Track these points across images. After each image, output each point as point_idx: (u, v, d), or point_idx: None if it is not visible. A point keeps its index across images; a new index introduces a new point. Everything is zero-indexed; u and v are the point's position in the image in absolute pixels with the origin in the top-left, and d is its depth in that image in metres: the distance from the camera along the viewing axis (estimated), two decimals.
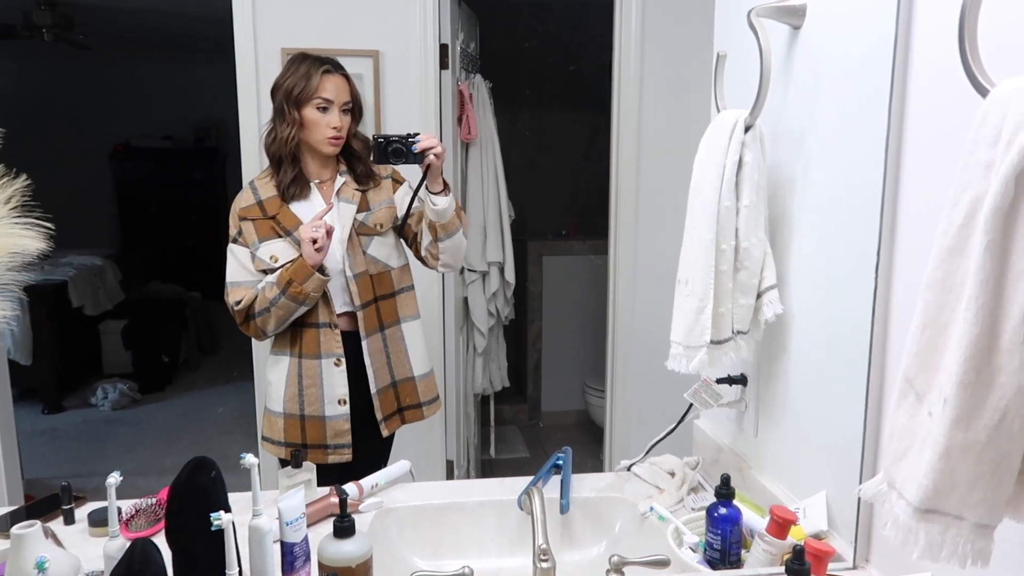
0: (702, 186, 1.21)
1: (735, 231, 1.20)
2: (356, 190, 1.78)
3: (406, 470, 1.55)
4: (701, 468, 1.52)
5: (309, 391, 1.77)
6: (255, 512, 1.01)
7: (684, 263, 1.25)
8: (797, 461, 1.23)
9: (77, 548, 1.28)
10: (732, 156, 1.17)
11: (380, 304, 1.80)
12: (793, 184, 1.21)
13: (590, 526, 1.46)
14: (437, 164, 1.65)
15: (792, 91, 1.20)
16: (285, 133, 1.71)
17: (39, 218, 0.98)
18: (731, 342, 1.24)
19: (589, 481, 1.54)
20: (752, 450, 1.38)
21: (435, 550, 1.42)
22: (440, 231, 1.73)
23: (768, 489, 1.28)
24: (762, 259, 1.22)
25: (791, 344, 1.24)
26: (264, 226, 1.74)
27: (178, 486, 0.95)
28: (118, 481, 0.98)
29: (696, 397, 1.40)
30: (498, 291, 3.31)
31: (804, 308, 1.21)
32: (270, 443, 1.82)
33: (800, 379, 1.22)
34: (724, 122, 1.20)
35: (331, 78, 1.72)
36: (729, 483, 1.12)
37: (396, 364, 1.83)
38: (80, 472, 3.70)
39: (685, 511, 1.40)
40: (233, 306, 1.74)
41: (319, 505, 1.37)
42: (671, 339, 1.26)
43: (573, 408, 4.25)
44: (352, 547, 1.03)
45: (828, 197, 1.13)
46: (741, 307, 1.23)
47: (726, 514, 1.10)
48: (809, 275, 1.19)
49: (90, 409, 4.53)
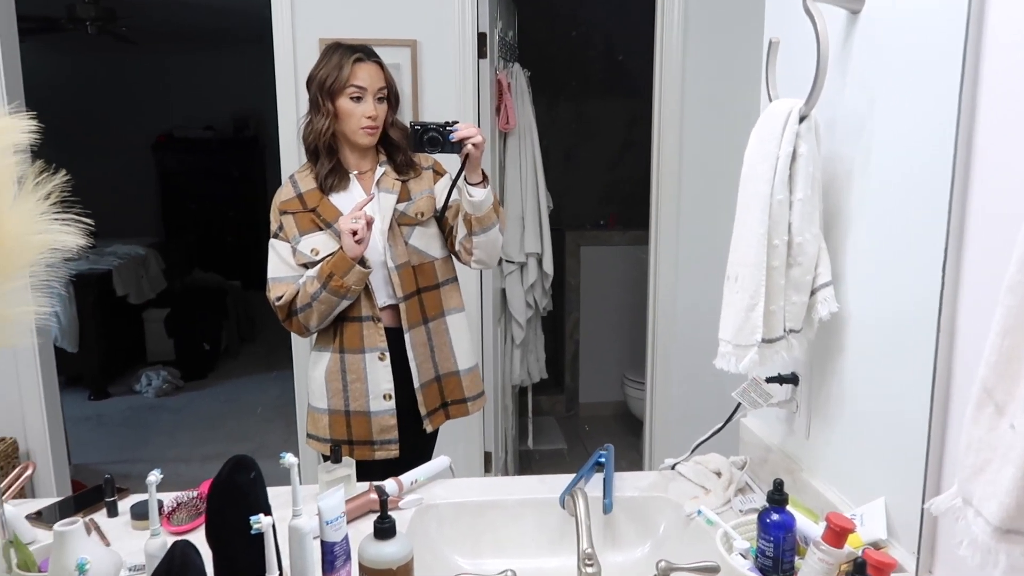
0: (753, 179, 1.16)
1: (788, 226, 1.15)
2: (396, 180, 1.75)
3: (446, 466, 1.53)
4: (749, 468, 1.47)
5: (353, 386, 1.75)
6: (295, 512, 1.00)
7: (734, 259, 1.20)
8: (852, 465, 1.18)
9: (120, 541, 1.29)
10: (786, 147, 1.12)
11: (423, 296, 1.77)
12: (850, 177, 1.15)
13: (633, 527, 1.43)
14: (476, 154, 1.61)
15: (850, 79, 1.14)
16: (320, 125, 1.69)
17: (79, 213, 0.97)
18: (783, 341, 1.19)
19: (632, 480, 1.50)
20: (803, 452, 1.33)
21: (475, 548, 1.40)
22: (475, 225, 1.69)
23: (821, 493, 1.23)
24: (816, 255, 1.16)
25: (847, 343, 1.19)
26: (304, 219, 1.72)
27: (218, 484, 0.94)
28: (158, 479, 0.97)
29: (745, 396, 1.35)
30: (536, 282, 3.28)
31: (861, 306, 1.15)
32: (315, 440, 1.80)
33: (857, 380, 1.17)
34: (777, 112, 1.14)
35: (363, 66, 1.69)
36: (782, 488, 1.07)
37: (440, 358, 1.81)
38: (125, 458, 3.78)
39: (733, 513, 1.36)
40: (275, 302, 1.73)
41: (359, 501, 1.35)
42: (720, 337, 1.21)
43: (611, 400, 4.21)
44: (393, 549, 1.01)
45: (889, 190, 1.07)
46: (794, 304, 1.18)
47: (779, 520, 1.06)
48: (867, 272, 1.14)
49: (134, 396, 4.62)
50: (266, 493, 0.99)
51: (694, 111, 2.70)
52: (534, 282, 3.27)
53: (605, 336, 4.22)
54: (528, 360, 3.45)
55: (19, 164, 0.96)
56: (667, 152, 2.72)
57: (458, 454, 2.68)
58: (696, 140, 2.72)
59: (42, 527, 1.31)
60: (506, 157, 3.11)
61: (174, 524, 1.31)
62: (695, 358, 2.80)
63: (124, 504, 1.40)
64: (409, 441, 1.79)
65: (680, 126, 2.71)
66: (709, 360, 1.23)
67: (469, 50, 2.58)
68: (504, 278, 3.20)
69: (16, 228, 0.94)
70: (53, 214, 0.97)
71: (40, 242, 0.97)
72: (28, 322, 0.95)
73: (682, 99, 2.69)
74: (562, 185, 4.12)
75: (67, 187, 0.98)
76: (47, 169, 0.95)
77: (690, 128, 2.71)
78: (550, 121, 4.13)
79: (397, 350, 1.76)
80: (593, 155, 4.34)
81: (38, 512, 1.38)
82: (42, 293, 0.98)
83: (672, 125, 2.70)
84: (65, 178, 0.98)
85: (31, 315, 0.96)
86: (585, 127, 4.32)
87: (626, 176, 4.29)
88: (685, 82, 2.68)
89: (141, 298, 5.00)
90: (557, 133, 4.24)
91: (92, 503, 1.41)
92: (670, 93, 2.69)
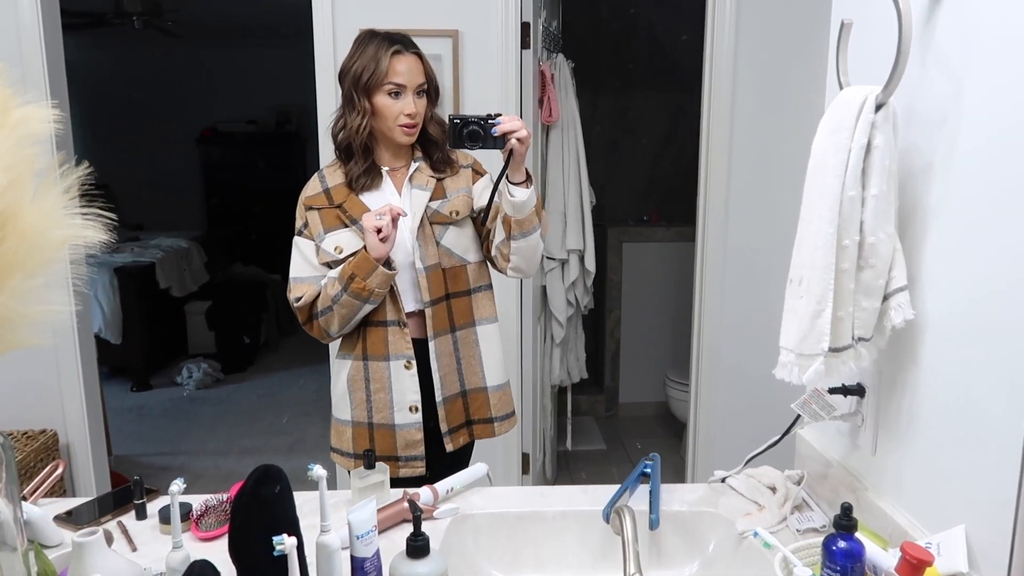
0: (822, 173, 1.06)
1: (860, 225, 1.05)
2: (431, 177, 1.65)
3: (483, 473, 1.46)
4: (806, 484, 1.38)
5: (377, 396, 1.64)
6: (323, 528, 0.94)
7: (798, 260, 1.11)
8: (927, 487, 1.08)
9: (147, 547, 1.25)
10: (859, 139, 1.02)
11: (452, 302, 1.66)
12: (930, 171, 1.05)
13: (681, 544, 1.34)
14: (520, 150, 1.48)
15: (932, 62, 1.04)
16: (356, 123, 1.58)
17: (103, 207, 0.92)
18: (851, 350, 1.09)
19: (679, 492, 1.42)
20: (869, 469, 1.23)
21: (514, 562, 1.33)
22: (515, 228, 1.56)
23: (888, 515, 1.13)
24: (891, 257, 1.06)
25: (922, 354, 1.08)
26: (330, 215, 1.63)
27: (242, 498, 0.88)
28: (181, 488, 0.92)
29: (806, 408, 1.25)
30: (577, 280, 3.20)
31: (941, 313, 1.05)
32: (339, 455, 1.71)
33: (933, 393, 1.07)
34: (849, 100, 1.04)
35: (402, 59, 1.57)
36: (851, 512, 0.98)
37: (467, 371, 1.69)
38: (165, 450, 3.80)
39: (789, 532, 1.27)
40: (294, 303, 1.64)
41: (392, 510, 1.29)
42: (781, 345, 1.12)
43: (652, 400, 4.12)
44: (426, 569, 0.94)
45: (976, 185, 0.96)
46: (864, 311, 1.08)
47: (847, 548, 0.97)
48: (948, 276, 1.03)
49: (175, 388, 4.67)
50: (294, 506, 0.93)
51: (745, 103, 2.60)
52: (575, 279, 3.19)
53: (647, 335, 4.12)
54: (568, 359, 3.37)
55: (40, 156, 0.91)
56: (716, 146, 2.61)
57: (496, 456, 2.62)
58: (747, 134, 2.61)
59: (70, 528, 1.28)
60: (548, 151, 3.03)
61: (202, 529, 1.27)
62: (742, 360, 2.71)
63: (153, 506, 1.37)
64: (437, 458, 1.68)
65: (731, 119, 2.60)
66: (757, 362, 1.14)
67: (512, 40, 2.51)
68: (545, 275, 3.12)
69: (37, 223, 0.89)
70: (76, 208, 0.92)
71: (62, 237, 0.92)
72: (50, 321, 0.91)
73: (733, 90, 2.58)
74: (604, 180, 4.03)
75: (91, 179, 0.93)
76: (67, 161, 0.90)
77: (741, 121, 2.61)
78: (593, 114, 4.03)
79: (425, 359, 1.65)
80: (636, 149, 4.23)
81: (68, 512, 1.36)
82: (63, 290, 0.93)
83: (722, 118, 2.60)
84: (88, 170, 0.93)
85: (53, 314, 0.91)
86: (629, 120, 4.21)
87: (670, 171, 4.18)
88: (737, 73, 2.57)
89: (183, 291, 5.05)
90: (600, 126, 4.14)
91: (122, 503, 1.38)
92: (720, 84, 2.58)
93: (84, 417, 2.59)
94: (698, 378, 2.76)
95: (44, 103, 0.93)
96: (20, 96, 0.91)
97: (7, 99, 0.89)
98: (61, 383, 2.55)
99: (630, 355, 4.16)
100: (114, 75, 5.97)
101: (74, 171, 0.91)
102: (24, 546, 0.96)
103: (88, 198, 0.90)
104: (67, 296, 0.94)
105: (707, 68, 2.59)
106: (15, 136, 0.88)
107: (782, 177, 2.56)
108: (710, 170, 2.63)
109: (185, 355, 5.02)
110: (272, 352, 5.37)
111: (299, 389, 4.65)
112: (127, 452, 3.74)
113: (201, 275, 5.32)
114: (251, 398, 4.54)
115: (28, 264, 0.89)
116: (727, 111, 2.59)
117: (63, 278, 0.94)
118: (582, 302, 3.31)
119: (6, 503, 0.94)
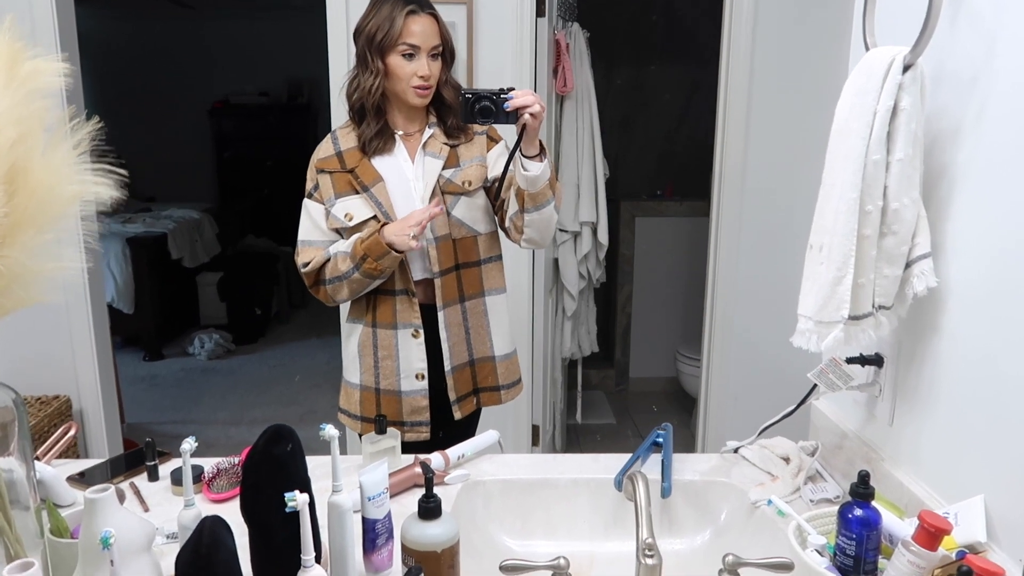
0: (846, 136, 1.03)
1: (883, 190, 1.02)
2: (444, 144, 1.63)
3: (494, 440, 1.46)
4: (820, 455, 1.36)
5: (384, 363, 1.65)
6: (335, 488, 0.93)
7: (819, 226, 1.08)
8: (945, 457, 1.07)
9: (160, 507, 1.26)
10: (885, 101, 0.99)
11: (462, 272, 1.65)
12: (958, 135, 1.02)
13: (693, 512, 1.34)
14: (534, 124, 1.45)
15: (963, 23, 1.01)
16: (368, 83, 1.56)
17: (113, 163, 0.90)
18: (871, 318, 1.07)
19: (691, 462, 1.41)
20: (885, 440, 1.21)
21: (524, 528, 1.33)
22: (528, 201, 1.54)
23: (905, 486, 1.12)
24: (914, 223, 1.04)
25: (944, 322, 1.06)
26: (341, 180, 1.61)
27: (254, 457, 0.88)
28: (193, 447, 0.92)
29: (823, 378, 1.23)
30: (590, 253, 3.18)
31: (964, 282, 1.03)
32: (346, 415, 1.73)
33: (954, 363, 1.05)
34: (876, 61, 1.01)
35: (417, 19, 1.54)
36: (868, 481, 0.97)
37: (476, 341, 1.69)
38: (176, 419, 3.83)
39: (802, 503, 1.26)
40: (301, 267, 1.64)
41: (403, 475, 1.29)
42: (799, 312, 1.10)
43: (662, 375, 4.11)
44: (438, 531, 0.94)
45: (1008, 150, 0.94)
46: (885, 278, 1.06)
47: (863, 516, 0.96)
48: (973, 244, 1.01)
49: (187, 358, 4.69)
50: (305, 465, 0.93)
51: (764, 76, 2.55)
52: (588, 252, 3.16)
53: (658, 310, 4.10)
54: (579, 333, 3.36)
55: (50, 109, 0.90)
56: (734, 119, 2.57)
57: (506, 427, 2.62)
58: (765, 108, 2.57)
59: (83, 489, 1.28)
60: (562, 122, 3.00)
61: (214, 491, 1.27)
62: (755, 333, 2.69)
63: (165, 468, 1.37)
64: (441, 425, 1.69)
65: (748, 92, 2.55)
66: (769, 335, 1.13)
67: (527, 8, 2.46)
68: (557, 248, 3.10)
69: (47, 178, 0.88)
70: (87, 164, 0.91)
71: (72, 193, 0.91)
72: (59, 278, 0.90)
73: (751, 63, 2.53)
74: (617, 153, 3.99)
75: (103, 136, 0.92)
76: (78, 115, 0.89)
77: (759, 95, 2.56)
78: (607, 85, 3.98)
79: (432, 328, 1.65)
80: (650, 121, 4.18)
81: (80, 473, 1.36)
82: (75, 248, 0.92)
83: (739, 91, 2.55)
84: (99, 124, 0.91)
85: (62, 271, 0.90)
86: (643, 92, 4.15)
87: (684, 145, 4.13)
88: (755, 45, 2.52)
89: (195, 262, 5.06)
90: (614, 98, 4.09)
91: (135, 466, 1.38)
92: (738, 56, 2.53)
93: (97, 383, 2.60)
94: (710, 351, 2.75)
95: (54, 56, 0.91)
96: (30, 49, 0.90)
97: (17, 52, 0.88)
98: (74, 349, 2.56)
99: (641, 330, 4.15)
100: (126, 46, 5.94)
101: (85, 126, 0.89)
102: (36, 504, 0.97)
103: (99, 154, 0.89)
104: (78, 253, 0.93)
105: (725, 40, 2.55)
106: (25, 89, 0.87)
107: (800, 151, 2.52)
108: (727, 145, 2.59)
109: (197, 326, 5.04)
110: (283, 324, 5.39)
111: (310, 360, 4.67)
112: (140, 420, 3.76)
113: (213, 246, 5.32)
114: (262, 369, 4.56)
115: (39, 220, 0.88)
116: (745, 84, 2.55)
117: (74, 235, 0.93)
118: (594, 275, 3.29)
119: (19, 461, 0.94)
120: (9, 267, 0.84)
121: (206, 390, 4.22)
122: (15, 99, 0.85)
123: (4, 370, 2.47)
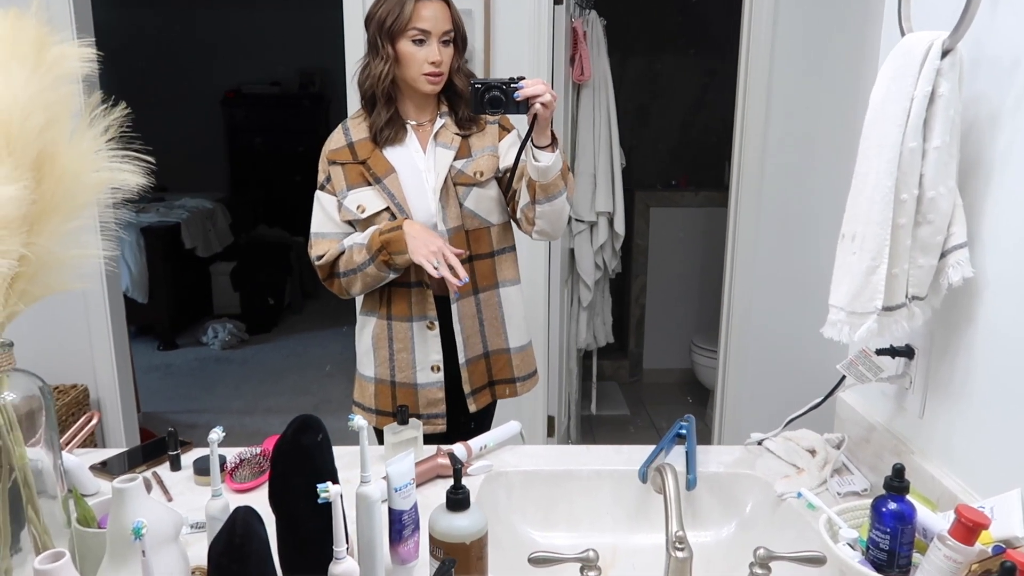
0: (882, 123, 1.01)
1: (919, 178, 1.00)
2: (456, 134, 1.61)
3: (516, 431, 1.45)
4: (846, 447, 1.35)
5: (400, 356, 1.64)
6: (363, 479, 0.92)
7: (852, 215, 1.06)
8: (979, 450, 1.05)
9: (183, 497, 1.25)
10: (923, 87, 0.97)
11: (475, 264, 1.63)
12: (996, 122, 1.00)
13: (718, 504, 1.33)
14: (545, 115, 1.42)
15: (1003, 7, 0.98)
16: (379, 70, 1.54)
17: (139, 151, 0.89)
18: (904, 309, 1.05)
19: (715, 454, 1.40)
20: (916, 433, 1.19)
21: (547, 520, 1.32)
22: (539, 192, 1.52)
23: (937, 479, 1.10)
24: (950, 212, 1.02)
25: (979, 314, 1.04)
26: (353, 171, 1.60)
27: (282, 446, 0.87)
28: (220, 437, 0.91)
29: (852, 369, 1.22)
30: (606, 243, 3.16)
31: (1001, 272, 1.01)
32: (361, 408, 1.71)
33: (989, 355, 1.03)
34: (913, 46, 0.99)
35: (428, 4, 1.52)
36: (903, 474, 0.95)
37: (490, 333, 1.67)
38: (191, 408, 3.84)
39: (829, 496, 1.25)
40: (315, 260, 1.63)
41: (426, 466, 1.29)
42: (830, 303, 1.08)
43: (677, 367, 4.09)
44: (466, 522, 0.93)
45: None
46: (920, 268, 1.04)
47: (897, 510, 0.94)
48: (1011, 233, 0.99)
49: (201, 347, 4.70)
50: (332, 456, 0.92)
51: (784, 62, 2.51)
52: (604, 243, 3.15)
53: (673, 301, 4.08)
54: (594, 323, 3.34)
55: (77, 95, 0.89)
56: (753, 108, 2.54)
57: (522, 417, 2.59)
58: (785, 99, 2.53)
59: (106, 478, 1.29)
60: (579, 110, 2.97)
61: (237, 481, 1.27)
62: (773, 326, 2.67)
63: (187, 458, 1.37)
64: (458, 418, 1.68)
65: (768, 80, 2.52)
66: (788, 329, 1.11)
67: None
68: (573, 238, 3.09)
69: (73, 165, 0.88)
70: (113, 151, 0.90)
71: (99, 180, 0.90)
72: (85, 266, 0.89)
73: (772, 50, 2.50)
74: (633, 143, 3.96)
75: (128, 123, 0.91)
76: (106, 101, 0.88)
77: (779, 85, 2.52)
78: (623, 74, 3.95)
79: (446, 320, 1.63)
80: (666, 111, 4.15)
81: (103, 462, 1.36)
82: (102, 236, 0.91)
83: (759, 79, 2.52)
84: (126, 111, 0.90)
85: (88, 259, 0.89)
86: (660, 81, 4.12)
87: (701, 135, 4.10)
88: (776, 32, 2.49)
89: (208, 251, 5.06)
90: (630, 87, 4.06)
91: (156, 455, 1.38)
92: (759, 44, 2.50)
93: (114, 372, 2.61)
94: (727, 342, 2.73)
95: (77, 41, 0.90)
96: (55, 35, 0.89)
97: (44, 36, 0.87)
98: (92, 339, 2.57)
99: (655, 321, 4.13)
100: (139, 36, 5.93)
101: (111, 113, 0.88)
102: (63, 493, 0.96)
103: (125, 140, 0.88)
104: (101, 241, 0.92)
105: (745, 27, 2.51)
106: (52, 75, 0.86)
107: (821, 141, 2.49)
108: (745, 135, 2.56)
109: (210, 315, 5.06)
110: (296, 314, 5.40)
111: (322, 349, 4.67)
112: (154, 409, 3.78)
113: (226, 236, 5.33)
114: (275, 358, 4.57)
115: (65, 207, 0.88)
116: (765, 72, 2.51)
117: (96, 223, 0.93)
118: (610, 266, 3.28)
119: (46, 451, 0.94)
120: (37, 254, 0.83)
121: (220, 379, 4.23)
122: (43, 84, 0.84)
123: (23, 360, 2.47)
